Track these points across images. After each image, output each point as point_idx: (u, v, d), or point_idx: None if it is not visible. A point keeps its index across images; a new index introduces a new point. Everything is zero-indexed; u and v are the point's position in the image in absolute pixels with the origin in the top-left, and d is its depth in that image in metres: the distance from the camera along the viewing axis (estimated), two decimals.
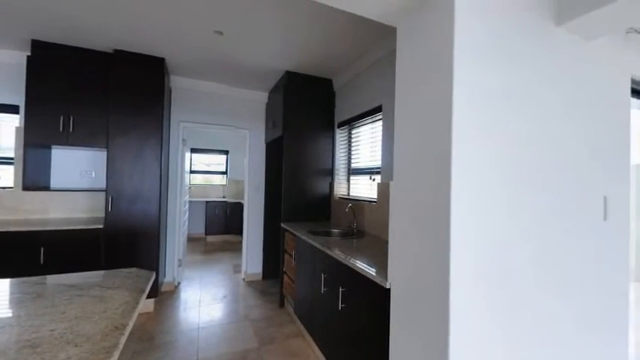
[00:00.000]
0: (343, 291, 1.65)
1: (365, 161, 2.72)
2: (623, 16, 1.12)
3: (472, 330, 1.00)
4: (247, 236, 3.67)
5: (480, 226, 1.02)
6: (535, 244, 1.16)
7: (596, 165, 1.37)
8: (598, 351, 1.38)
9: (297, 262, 2.45)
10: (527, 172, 1.13)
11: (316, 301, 2.05)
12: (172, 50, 2.59)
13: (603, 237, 1.40)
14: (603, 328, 1.40)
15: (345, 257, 1.64)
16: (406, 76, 1.19)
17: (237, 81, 3.34)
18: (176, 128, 3.31)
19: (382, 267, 1.45)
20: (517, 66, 1.10)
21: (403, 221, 1.17)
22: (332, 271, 1.81)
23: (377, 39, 2.28)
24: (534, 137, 1.15)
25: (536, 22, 1.16)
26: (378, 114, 2.45)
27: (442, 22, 1.01)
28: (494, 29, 1.05)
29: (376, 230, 2.37)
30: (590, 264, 1.34)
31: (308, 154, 3.05)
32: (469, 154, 0.99)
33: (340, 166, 3.11)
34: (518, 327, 1.11)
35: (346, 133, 3.05)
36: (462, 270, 0.98)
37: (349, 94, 2.90)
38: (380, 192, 2.33)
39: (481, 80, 1.02)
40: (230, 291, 3.30)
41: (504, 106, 1.07)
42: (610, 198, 1.42)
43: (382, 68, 2.38)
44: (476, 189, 1.01)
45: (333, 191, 3.12)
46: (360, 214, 2.59)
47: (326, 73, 3.00)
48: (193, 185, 6.25)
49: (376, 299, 1.37)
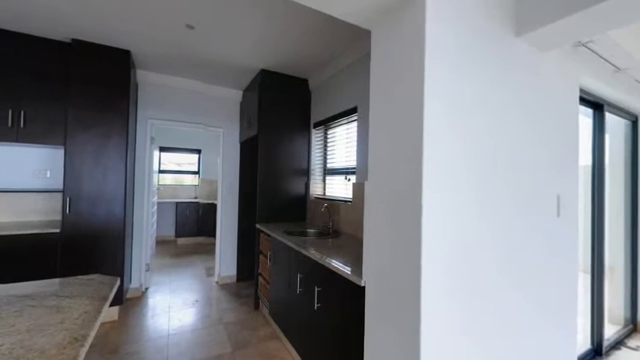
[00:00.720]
0: (319, 290, 1.66)
1: (340, 161, 2.75)
2: (571, 31, 1.23)
3: (442, 322, 1.04)
4: (221, 238, 3.56)
5: (449, 223, 1.07)
6: (499, 240, 1.24)
7: (551, 166, 1.49)
8: (552, 336, 1.50)
9: (273, 263, 2.42)
10: (492, 172, 1.21)
11: (292, 301, 2.04)
12: (139, 43, 2.45)
13: (557, 232, 1.53)
14: (557, 316, 1.53)
15: (320, 257, 1.64)
16: (380, 79, 1.22)
17: (211, 78, 3.23)
18: (143, 125, 3.14)
19: (357, 265, 1.47)
20: (482, 72, 1.17)
21: (377, 220, 1.20)
22: (308, 271, 1.81)
23: (353, 41, 2.32)
24: (497, 139, 1.23)
25: (499, 32, 1.24)
26: (353, 115, 2.49)
27: (414, 29, 1.05)
28: (462, 37, 1.11)
29: (352, 229, 2.41)
30: (546, 257, 1.46)
31: (284, 154, 3.02)
32: (439, 154, 1.04)
33: (316, 166, 3.12)
34: (483, 317, 1.18)
35: (322, 134, 3.06)
36: (432, 266, 1.02)
37: (325, 94, 2.92)
38: (355, 192, 2.37)
39: (450, 84, 1.07)
40: (202, 295, 3.19)
41: (471, 110, 1.14)
42: (562, 196, 1.55)
43: (357, 70, 2.42)
44: (446, 188, 1.06)
45: (308, 191, 3.13)
46: (335, 213, 2.61)
47: (302, 72, 3.00)
48: (163, 185, 5.96)
49: (351, 297, 1.39)
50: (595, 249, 2.23)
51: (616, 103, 2.36)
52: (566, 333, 1.60)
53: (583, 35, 1.28)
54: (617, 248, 2.67)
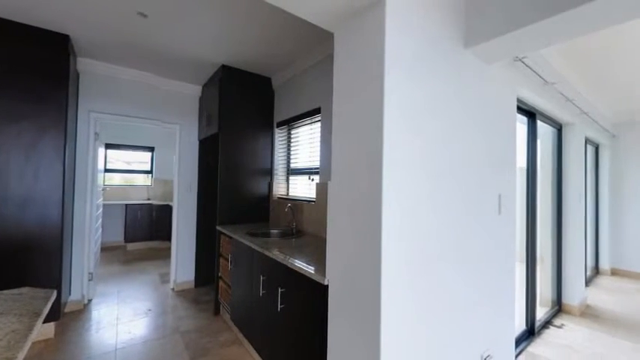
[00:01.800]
0: (282, 291, 1.64)
1: (304, 161, 2.76)
2: (508, 47, 1.38)
3: (400, 311, 1.10)
4: (177, 241, 3.35)
5: (406, 219, 1.13)
6: (450, 234, 1.34)
7: (493, 168, 1.65)
8: (495, 320, 1.66)
9: (234, 265, 2.34)
10: (443, 172, 1.30)
11: (254, 304, 1.99)
12: (81, 27, 2.21)
13: (498, 227, 1.70)
14: (498, 302, 1.70)
15: (284, 257, 1.63)
16: (343, 81, 1.25)
17: (166, 71, 3.02)
18: (86, 119, 2.83)
19: (321, 264, 1.49)
20: (435, 79, 1.26)
21: (340, 219, 1.23)
22: (271, 273, 1.79)
23: (316, 42, 2.33)
24: (448, 142, 1.33)
25: (450, 43, 1.34)
26: (317, 115, 2.51)
27: (375, 35, 1.09)
28: (418, 45, 1.18)
29: (315, 229, 2.42)
30: (489, 249, 1.61)
31: (246, 153, 2.94)
32: (398, 155, 1.09)
33: (279, 166, 3.09)
34: (435, 304, 1.27)
35: (285, 133, 3.04)
36: (391, 259, 1.07)
37: (288, 93, 2.90)
38: (318, 192, 2.39)
39: (407, 89, 1.13)
40: (156, 303, 2.97)
41: (425, 114, 1.21)
42: (503, 196, 1.73)
43: (321, 71, 2.45)
44: (403, 187, 1.12)
45: (272, 191, 3.08)
46: (299, 213, 2.61)
47: (265, 70, 2.94)
48: (109, 186, 5.43)
49: (315, 297, 1.40)
50: (529, 242, 2.52)
51: (545, 112, 2.69)
52: (506, 317, 1.78)
53: (519, 51, 1.44)
54: (546, 241, 3.05)
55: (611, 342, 2.45)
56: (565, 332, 2.61)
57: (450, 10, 1.33)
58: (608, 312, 3.06)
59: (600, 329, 2.67)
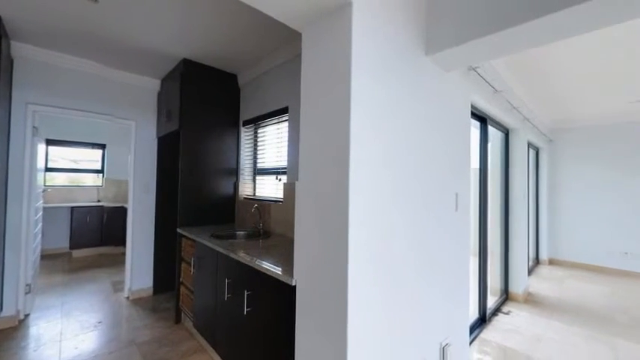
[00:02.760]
0: (249, 294, 1.60)
1: (271, 161, 2.72)
2: (463, 57, 1.48)
3: (365, 307, 1.13)
4: (133, 246, 3.11)
5: (371, 217, 1.16)
6: (411, 231, 1.41)
7: (450, 168, 1.77)
8: (451, 310, 1.78)
9: (197, 270, 2.24)
10: (406, 172, 1.37)
11: (219, 309, 1.92)
12: (15, 7, 1.95)
13: (455, 224, 1.82)
14: (454, 293, 1.83)
15: (250, 259, 1.59)
16: (310, 81, 1.25)
17: (120, 62, 2.79)
18: (21, 112, 2.51)
19: (288, 265, 1.48)
20: (398, 83, 1.32)
21: (308, 219, 1.23)
22: (237, 275, 1.74)
23: (285, 41, 2.31)
24: (410, 143, 1.40)
25: (412, 50, 1.41)
26: (285, 115, 2.49)
27: (342, 37, 1.11)
28: (383, 50, 1.22)
29: (283, 229, 2.40)
30: (446, 244, 1.72)
31: (210, 152, 2.82)
32: (363, 155, 1.12)
33: (245, 165, 3.01)
34: (398, 297, 1.32)
35: (252, 132, 2.97)
36: (357, 259, 1.10)
37: (255, 92, 2.84)
38: (286, 192, 2.38)
39: (372, 92, 1.17)
40: (108, 314, 2.73)
41: (389, 115, 1.26)
42: (459, 194, 1.86)
43: (289, 70, 2.43)
44: (369, 186, 1.15)
45: (238, 192, 2.99)
46: (266, 214, 2.57)
47: (230, 67, 2.85)
48: (52, 187, 4.88)
49: (283, 298, 1.39)
50: (481, 237, 2.75)
51: (495, 118, 2.94)
52: (462, 307, 1.92)
53: (471, 61, 1.56)
54: (495, 235, 3.34)
55: (548, 324, 2.75)
56: (511, 318, 2.88)
57: (412, 19, 1.40)
58: (546, 298, 3.44)
59: (539, 313, 2.99)
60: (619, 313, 3.03)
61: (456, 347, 1.82)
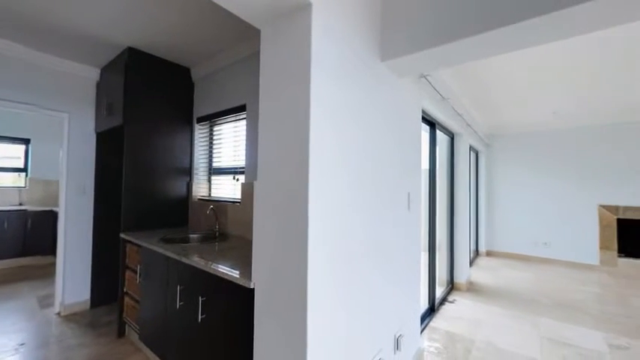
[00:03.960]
0: (204, 300, 1.52)
1: (228, 160, 2.61)
2: (415, 65, 1.59)
3: (324, 306, 1.15)
4: (65, 255, 2.75)
5: (330, 216, 1.18)
6: (367, 229, 1.46)
7: (404, 169, 1.88)
8: (404, 301, 1.89)
9: (144, 277, 2.06)
10: (362, 172, 1.42)
11: (170, 318, 1.79)
12: None
13: (408, 221, 1.94)
14: (408, 287, 1.94)
15: (205, 263, 1.51)
16: (269, 80, 1.23)
17: (49, 46, 2.44)
18: None
19: (247, 268, 1.43)
20: (356, 86, 1.36)
21: (267, 220, 1.21)
22: (190, 281, 1.63)
23: (243, 36, 2.24)
24: (367, 145, 1.45)
25: (369, 56, 1.46)
26: (242, 113, 2.41)
27: (302, 37, 1.11)
28: (342, 53, 1.25)
29: (241, 231, 2.32)
30: (400, 241, 1.83)
31: (159, 150, 2.62)
32: (323, 155, 1.14)
33: (200, 164, 2.85)
34: (357, 296, 1.37)
35: (207, 130, 2.82)
36: (317, 259, 1.10)
37: (211, 87, 2.70)
38: (244, 192, 2.30)
39: (331, 93, 1.19)
40: (34, 334, 2.37)
41: (348, 117, 1.30)
42: (411, 193, 1.98)
43: (248, 67, 2.36)
44: (328, 186, 1.17)
45: (191, 192, 2.82)
46: (223, 215, 2.46)
47: (183, 60, 2.67)
48: None
49: (241, 302, 1.34)
50: (430, 233, 2.96)
51: (442, 123, 3.20)
52: (414, 299, 2.05)
53: (422, 70, 1.68)
54: (442, 231, 3.63)
55: (488, 309, 3.08)
56: (456, 306, 3.15)
57: (369, 26, 1.45)
58: (484, 285, 3.83)
59: (480, 300, 3.32)
60: (541, 295, 3.50)
61: (409, 337, 1.94)
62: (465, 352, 2.26)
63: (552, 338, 2.49)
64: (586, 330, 2.65)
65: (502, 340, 2.45)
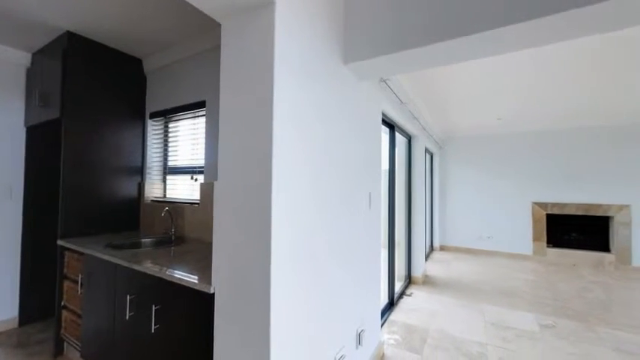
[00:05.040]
0: (157, 309, 1.42)
1: (186, 159, 2.47)
2: (375, 70, 1.65)
3: (288, 306, 1.14)
4: None
5: (293, 216, 1.18)
6: (331, 229, 1.48)
7: (365, 169, 1.94)
8: (365, 297, 1.96)
9: (87, 288, 1.86)
10: (325, 172, 1.43)
11: (118, 331, 1.64)
12: None
13: (369, 220, 2.00)
14: (369, 283, 2.01)
15: (160, 269, 1.41)
16: (230, 77, 1.19)
17: None
18: None
19: (206, 272, 1.37)
20: (320, 86, 1.37)
21: (228, 221, 1.17)
22: (141, 290, 1.51)
23: (202, 28, 2.13)
24: (330, 145, 1.47)
25: (333, 58, 1.49)
26: (202, 109, 2.29)
27: (265, 35, 1.09)
28: (305, 53, 1.25)
29: (199, 233, 2.21)
30: (362, 239, 1.89)
31: (104, 147, 2.38)
32: (286, 155, 1.13)
33: (154, 163, 2.65)
34: (319, 295, 1.38)
35: (161, 126, 2.64)
36: (280, 259, 1.09)
37: (166, 81, 2.53)
38: (203, 192, 2.20)
39: (294, 92, 1.19)
40: None
41: (311, 118, 1.31)
42: (372, 193, 2.06)
43: (207, 61, 2.25)
44: (291, 186, 1.16)
45: (143, 193, 2.61)
46: (179, 217, 2.32)
47: (134, 50, 2.47)
48: None
49: (199, 308, 1.28)
50: (390, 230, 3.10)
51: (401, 126, 3.37)
52: (374, 295, 2.13)
53: (382, 74, 1.75)
54: (401, 228, 3.83)
55: (441, 300, 3.31)
56: (413, 299, 3.34)
57: (332, 28, 1.47)
58: (438, 278, 4.12)
59: (435, 292, 3.56)
60: (486, 285, 3.86)
61: (370, 332, 2.01)
62: (421, 342, 2.41)
63: (495, 322, 2.76)
64: (521, 313, 2.98)
65: (454, 327, 2.66)
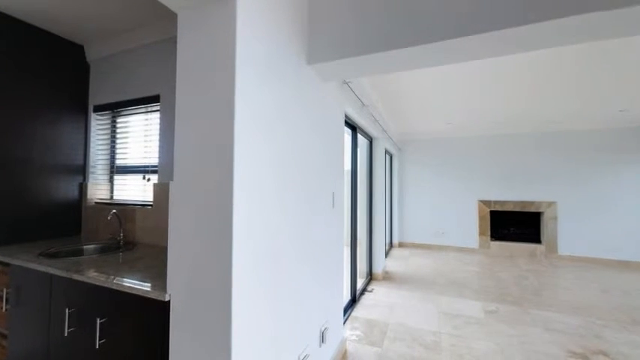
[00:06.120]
0: (103, 322, 1.29)
1: (137, 158, 2.28)
2: (337, 72, 1.69)
3: (250, 309, 1.11)
4: None
5: (256, 217, 1.15)
6: (295, 229, 1.48)
7: (328, 169, 1.97)
8: (329, 297, 1.99)
9: (16, 304, 1.62)
10: (289, 172, 1.43)
11: (55, 350, 1.45)
12: None
13: (332, 219, 2.04)
14: (332, 281, 2.04)
15: (106, 278, 1.28)
16: (188, 71, 1.12)
17: None
18: None
19: (160, 279, 1.28)
20: (283, 86, 1.36)
21: (185, 223, 1.10)
22: (84, 302, 1.36)
23: (156, 17, 1.98)
24: (294, 145, 1.47)
25: (296, 58, 1.48)
26: (155, 104, 2.14)
27: (226, 29, 1.05)
28: (269, 52, 1.23)
29: (152, 238, 2.05)
30: (325, 238, 1.91)
31: (38, 143, 2.10)
32: (248, 154, 1.10)
33: (99, 162, 2.41)
34: (283, 295, 1.37)
35: (108, 121, 2.40)
36: (242, 261, 1.06)
37: (114, 72, 2.31)
38: (157, 193, 2.05)
39: (258, 91, 1.16)
40: None
41: (275, 117, 1.29)
42: (335, 193, 2.09)
43: (162, 53, 2.10)
44: (254, 186, 1.14)
45: (86, 195, 2.36)
46: (130, 221, 2.13)
47: (74, 35, 2.21)
48: None
49: (152, 318, 1.19)
50: (352, 229, 3.18)
51: (363, 128, 3.48)
52: (337, 293, 2.17)
53: (344, 76, 1.79)
54: (362, 227, 3.95)
55: (400, 294, 3.48)
56: (374, 295, 3.47)
57: (296, 28, 1.47)
58: (397, 273, 4.33)
59: (393, 286, 3.73)
60: (439, 277, 4.15)
61: (333, 329, 2.05)
62: (381, 335, 2.51)
63: (447, 312, 2.98)
64: (469, 301, 3.26)
65: (411, 319, 2.82)
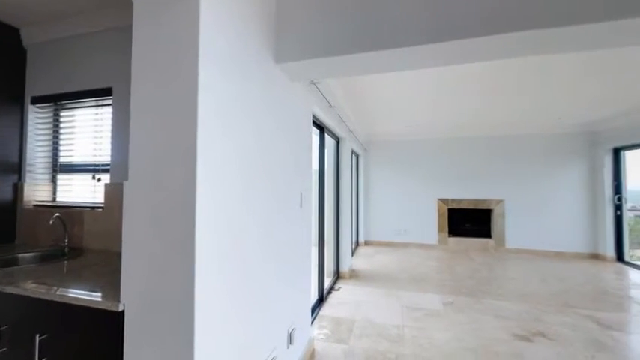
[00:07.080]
0: (43, 339, 1.15)
1: (85, 155, 2.07)
2: (304, 72, 1.69)
3: (215, 313, 1.07)
4: None
5: (221, 218, 1.11)
6: (262, 230, 1.45)
7: (295, 169, 1.96)
8: (297, 297, 1.98)
9: None
10: (257, 172, 1.40)
11: None
12: None
13: (300, 219, 2.03)
14: (299, 281, 2.04)
15: (47, 289, 1.15)
16: (145, 63, 1.05)
17: None
18: None
19: (113, 287, 1.18)
20: (250, 84, 1.33)
21: (141, 226, 1.03)
22: (19, 318, 1.21)
23: (110, 2, 1.82)
24: (261, 144, 1.44)
25: (263, 55, 1.46)
26: (107, 98, 1.96)
27: (187, 20, 1.00)
28: (234, 47, 1.20)
29: (104, 243, 1.89)
30: (293, 239, 1.90)
31: None
32: (212, 153, 1.06)
33: (39, 160, 2.15)
34: (249, 297, 1.34)
35: (50, 114, 2.16)
36: (205, 265, 1.02)
37: (58, 60, 2.08)
38: (109, 195, 1.88)
39: (222, 87, 1.12)
40: None
41: (240, 115, 1.25)
42: (303, 193, 2.09)
43: (116, 42, 1.93)
44: (218, 185, 1.09)
45: (22, 197, 2.09)
46: (76, 225, 1.94)
47: (6, 15, 1.95)
48: None
49: (104, 331, 1.09)
50: (320, 229, 3.21)
51: (330, 128, 3.52)
52: (305, 293, 2.17)
53: (311, 77, 1.80)
54: (329, 226, 4.00)
55: (366, 291, 3.58)
56: (341, 293, 3.53)
57: (264, 26, 1.45)
58: (363, 271, 4.45)
59: (360, 284, 3.83)
60: (402, 273, 4.35)
61: (301, 329, 2.04)
62: (348, 332, 2.56)
63: (409, 306, 3.14)
64: (429, 295, 3.46)
65: (376, 315, 2.91)
